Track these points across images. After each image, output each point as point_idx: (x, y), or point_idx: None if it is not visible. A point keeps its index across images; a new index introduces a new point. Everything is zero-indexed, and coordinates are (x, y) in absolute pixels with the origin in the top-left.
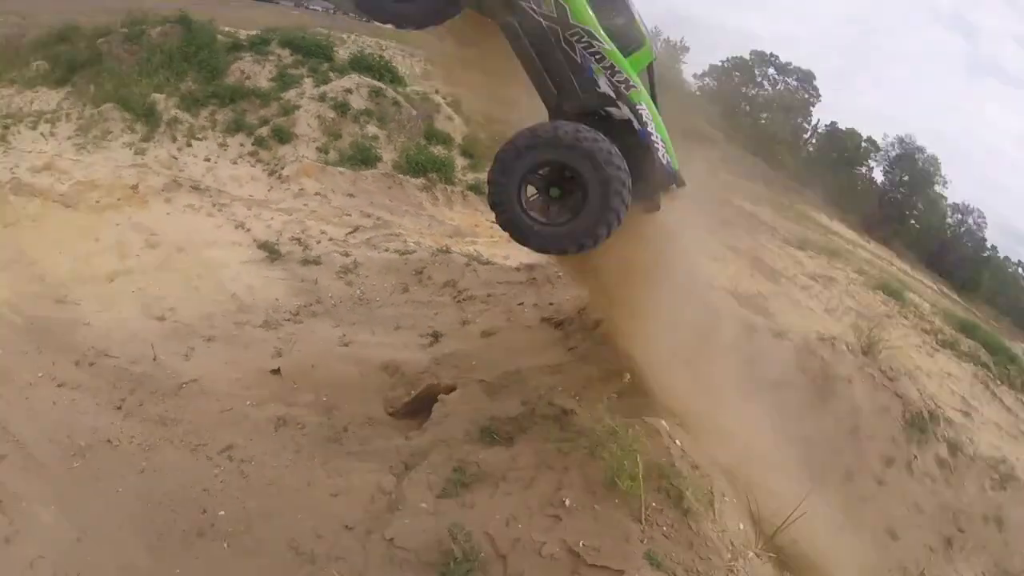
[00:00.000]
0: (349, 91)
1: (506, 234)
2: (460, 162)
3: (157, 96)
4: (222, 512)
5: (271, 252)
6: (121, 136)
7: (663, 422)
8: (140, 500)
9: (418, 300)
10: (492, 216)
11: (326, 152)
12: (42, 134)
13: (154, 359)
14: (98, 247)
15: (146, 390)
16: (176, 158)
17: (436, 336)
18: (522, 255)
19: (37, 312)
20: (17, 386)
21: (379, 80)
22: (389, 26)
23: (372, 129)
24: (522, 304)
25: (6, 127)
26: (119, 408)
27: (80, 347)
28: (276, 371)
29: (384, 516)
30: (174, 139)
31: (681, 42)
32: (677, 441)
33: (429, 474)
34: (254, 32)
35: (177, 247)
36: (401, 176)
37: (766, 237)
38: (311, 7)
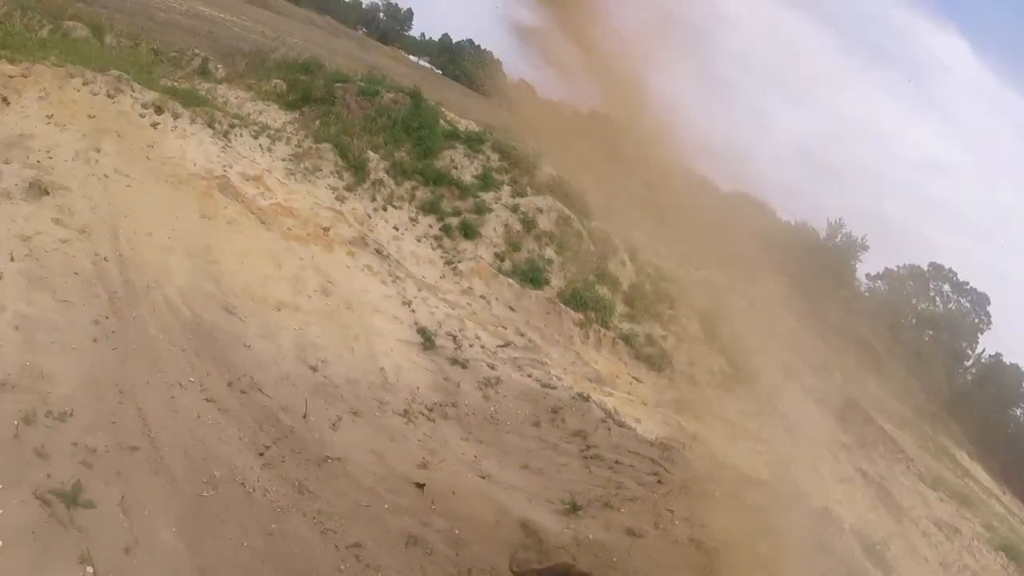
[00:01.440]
0: (540, 210)
1: (644, 393)
2: (620, 308)
3: (372, 154)
4: None
5: (426, 339)
6: (328, 177)
7: None
8: (264, 564)
9: (547, 440)
10: (635, 370)
11: (502, 260)
12: (260, 146)
13: (304, 416)
14: (277, 273)
15: (290, 447)
16: (370, 216)
17: (574, 507)
18: (654, 424)
19: (205, 313)
20: (167, 382)
21: (569, 208)
22: None
23: (549, 252)
24: (672, 512)
25: (232, 126)
26: (261, 455)
27: (236, 368)
28: (420, 485)
29: None
30: (373, 198)
31: (862, 239)
32: None
33: None
34: (473, 127)
35: (346, 302)
36: (562, 305)
37: (900, 468)
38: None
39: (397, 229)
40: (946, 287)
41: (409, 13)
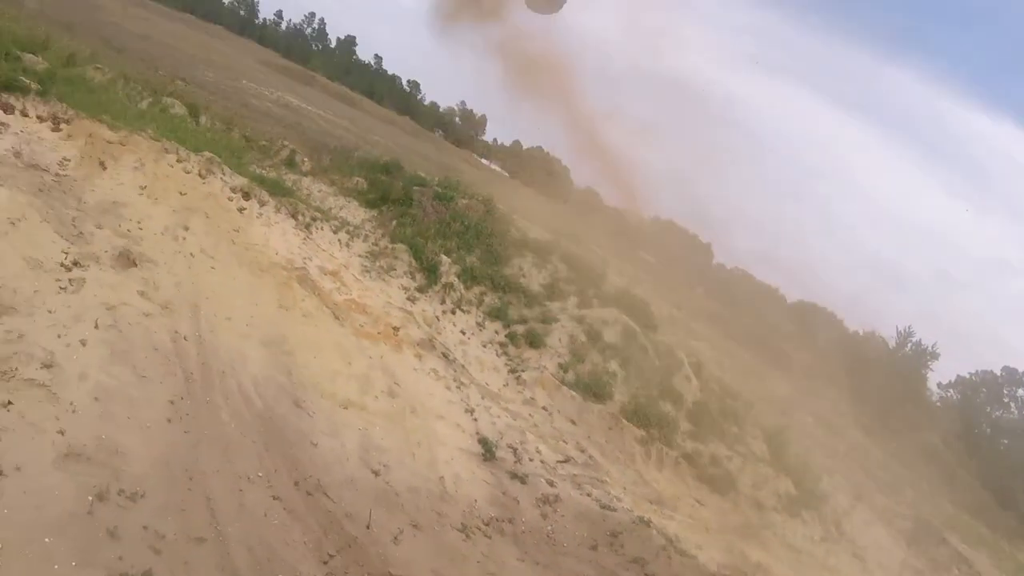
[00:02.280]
0: (606, 323)
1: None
2: (684, 426)
3: (444, 257)
4: None
5: (487, 450)
6: (402, 277)
7: None
8: None
9: (604, 565)
10: (698, 492)
11: (565, 371)
12: (339, 240)
13: (368, 527)
14: (346, 370)
15: (354, 558)
16: (439, 319)
17: None
18: (716, 551)
19: (276, 405)
20: (236, 473)
21: (635, 320)
22: None
23: (614, 365)
24: None
25: (314, 219)
26: (325, 563)
27: (303, 467)
28: None
29: None
30: (443, 301)
31: (932, 348)
32: None
33: None
34: (542, 237)
35: (411, 406)
36: (625, 421)
37: None
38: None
39: (464, 333)
40: (1021, 392)
41: (483, 119)
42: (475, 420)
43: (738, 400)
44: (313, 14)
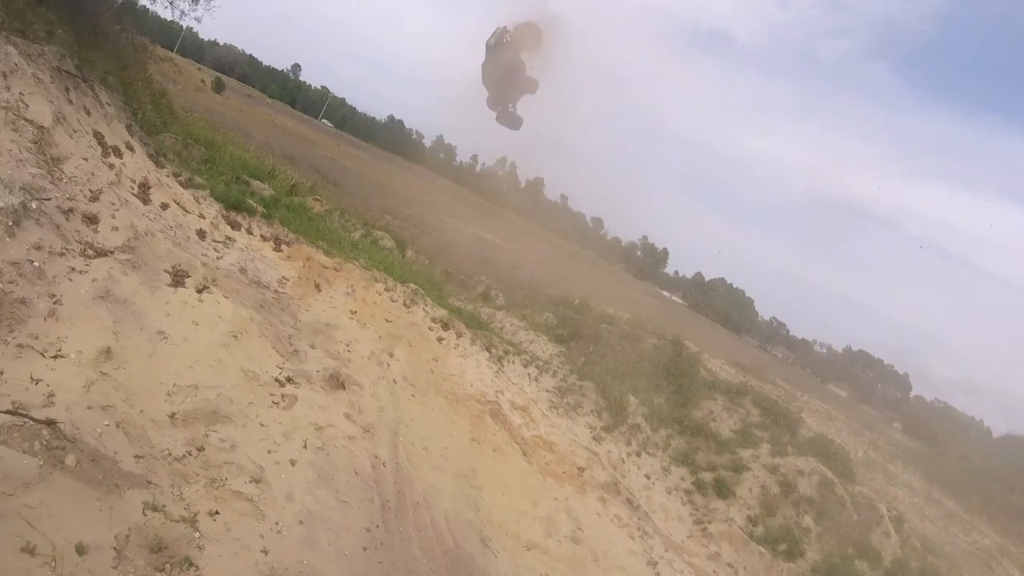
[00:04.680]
0: (801, 473)
1: None
2: None
3: (632, 398)
4: None
5: None
6: (588, 415)
7: None
8: None
9: None
10: None
11: (754, 524)
12: (528, 375)
13: None
14: (531, 511)
15: None
16: (623, 461)
17: None
18: None
19: (465, 543)
20: None
21: (833, 470)
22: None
23: (807, 520)
24: None
25: (506, 352)
26: None
27: None
28: None
29: None
30: (628, 443)
31: None
32: None
33: None
34: (734, 379)
35: (593, 553)
36: None
37: None
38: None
39: (649, 478)
40: None
41: (665, 252)
42: (657, 574)
43: (940, 557)
44: (505, 158)
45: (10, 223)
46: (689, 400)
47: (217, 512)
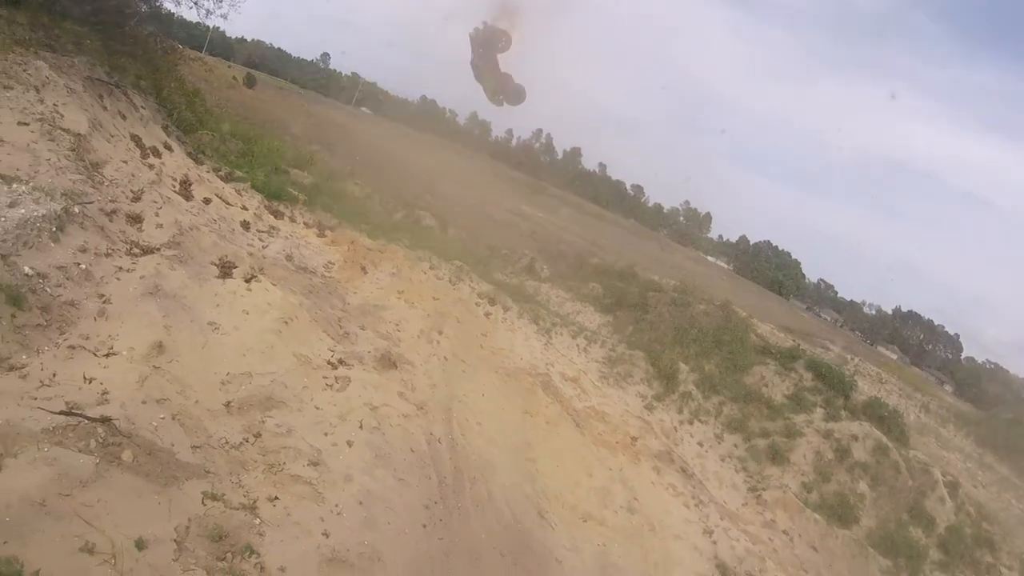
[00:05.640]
0: (855, 438)
1: None
2: (933, 554)
3: (682, 365)
4: None
5: None
6: (638, 384)
7: None
8: None
9: None
10: None
11: (809, 491)
12: (577, 346)
13: None
14: (586, 481)
15: None
16: (676, 429)
17: None
18: None
19: (523, 517)
20: None
21: (887, 434)
22: None
23: (862, 486)
24: None
25: (553, 324)
26: None
27: None
28: None
29: None
30: (680, 411)
31: None
32: None
33: None
34: (785, 343)
35: (649, 523)
36: (871, 550)
37: None
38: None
39: (702, 446)
40: None
41: (708, 217)
42: (714, 543)
43: (995, 524)
44: (540, 130)
45: (54, 229)
46: (740, 366)
47: (277, 497)
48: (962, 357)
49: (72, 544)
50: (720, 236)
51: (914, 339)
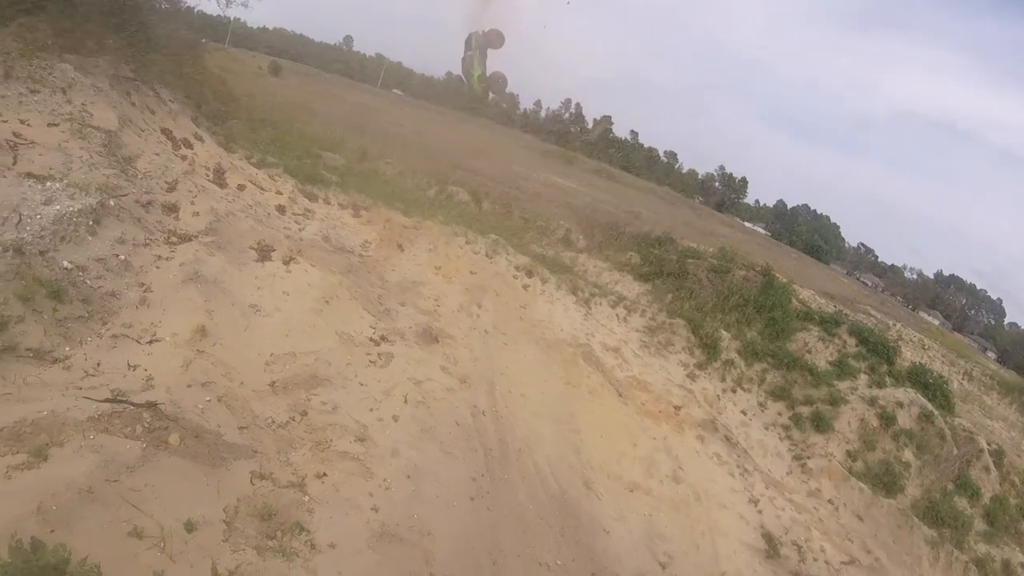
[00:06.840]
0: (900, 405)
1: None
2: (979, 525)
3: (724, 333)
4: None
5: (770, 546)
6: (680, 353)
7: None
8: None
9: None
10: None
11: (854, 459)
12: (617, 316)
13: None
14: (631, 452)
15: None
16: (719, 398)
17: None
18: None
19: (569, 488)
20: (536, 560)
21: (932, 401)
22: None
23: (907, 454)
24: None
25: (592, 295)
26: None
27: (598, 558)
28: None
29: None
30: (723, 379)
31: None
32: None
33: None
34: (827, 309)
35: (695, 493)
36: (916, 519)
37: None
38: (861, 279)
39: (745, 414)
40: None
41: (744, 181)
42: (759, 512)
43: None
44: (569, 100)
45: (90, 222)
46: (782, 332)
47: (325, 474)
48: (1005, 323)
49: (120, 529)
50: (757, 201)
51: (956, 304)
